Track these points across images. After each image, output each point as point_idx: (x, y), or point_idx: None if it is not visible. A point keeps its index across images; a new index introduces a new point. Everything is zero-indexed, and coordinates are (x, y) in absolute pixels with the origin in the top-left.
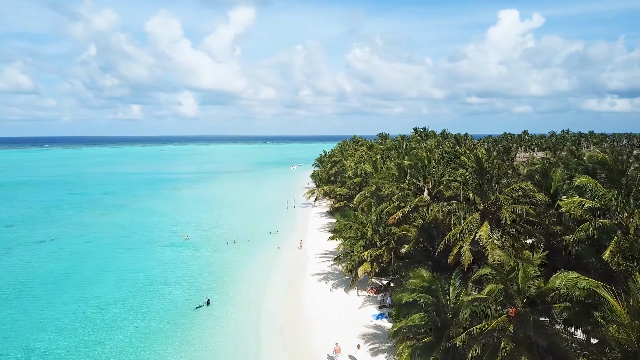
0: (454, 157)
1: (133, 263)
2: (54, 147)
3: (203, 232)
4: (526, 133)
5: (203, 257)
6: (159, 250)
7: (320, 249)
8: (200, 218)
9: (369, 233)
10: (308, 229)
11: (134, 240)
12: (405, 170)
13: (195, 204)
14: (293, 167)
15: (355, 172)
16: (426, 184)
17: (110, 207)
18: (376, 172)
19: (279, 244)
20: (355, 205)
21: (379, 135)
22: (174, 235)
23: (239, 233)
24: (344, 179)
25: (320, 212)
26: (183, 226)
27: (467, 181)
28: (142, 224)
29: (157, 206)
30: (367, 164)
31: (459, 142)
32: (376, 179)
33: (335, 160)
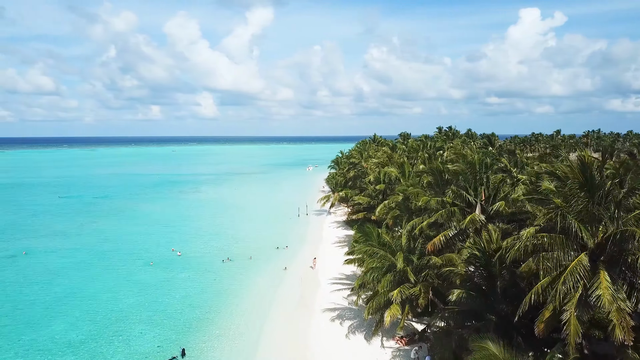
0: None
1: (106, 289)
2: (72, 148)
3: (200, 246)
4: (558, 133)
5: (191, 282)
6: (141, 271)
7: (335, 271)
8: (201, 227)
9: (400, 264)
10: (322, 242)
11: (117, 256)
12: (442, 176)
13: (199, 209)
14: (309, 169)
15: (377, 176)
16: (478, 198)
17: (104, 213)
18: (403, 177)
19: (285, 264)
20: (377, 217)
21: (401, 134)
22: (164, 250)
23: (242, 247)
24: (363, 185)
25: (336, 222)
26: (179, 237)
27: (564, 200)
28: (132, 235)
29: (156, 212)
30: (392, 168)
31: (492, 142)
32: (404, 186)
33: (353, 162)
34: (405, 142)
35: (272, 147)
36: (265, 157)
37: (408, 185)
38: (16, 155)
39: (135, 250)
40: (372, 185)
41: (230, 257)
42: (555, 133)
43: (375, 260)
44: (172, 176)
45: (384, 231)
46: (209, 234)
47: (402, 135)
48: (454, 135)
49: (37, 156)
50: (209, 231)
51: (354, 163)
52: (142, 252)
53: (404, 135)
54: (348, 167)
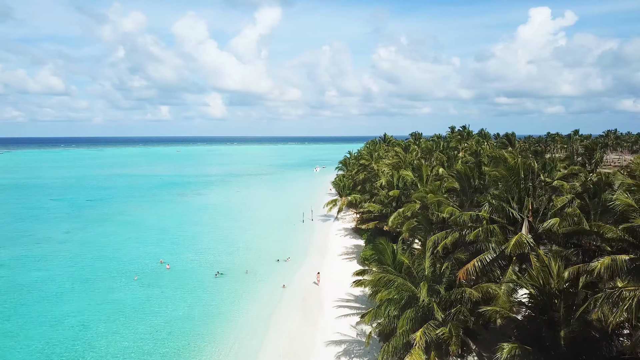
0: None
1: (76, 311)
2: (80, 148)
3: (192, 256)
4: (576, 133)
5: (177, 302)
6: (122, 288)
7: (342, 289)
8: (196, 235)
9: (423, 296)
10: (327, 253)
11: (99, 269)
12: (471, 183)
13: (197, 214)
14: (316, 170)
15: (390, 180)
16: (525, 213)
17: (95, 218)
18: (421, 182)
19: (285, 279)
20: (390, 227)
21: (412, 134)
22: (152, 262)
23: (238, 258)
24: (374, 190)
25: (344, 229)
26: (171, 246)
27: None
28: (120, 243)
29: (151, 217)
30: (407, 171)
31: (511, 142)
32: (422, 192)
33: (363, 163)
34: (417, 142)
35: (280, 147)
36: (272, 158)
37: (427, 191)
38: (22, 155)
39: (120, 261)
40: (384, 191)
41: (223, 270)
42: (572, 133)
43: (392, 291)
44: (173, 177)
45: (400, 247)
46: (204, 242)
47: (414, 135)
48: (469, 135)
49: (42, 156)
50: (204, 239)
51: (363, 165)
52: (127, 263)
53: (416, 135)
54: (357, 169)
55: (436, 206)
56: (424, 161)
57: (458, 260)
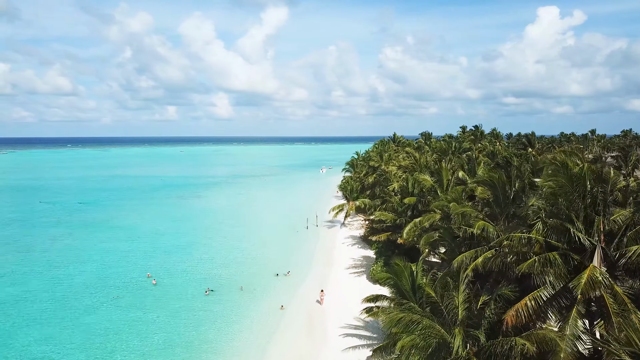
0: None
1: (42, 338)
2: (86, 148)
3: (183, 269)
4: (593, 132)
5: (159, 326)
6: (100, 308)
7: (349, 312)
8: (192, 243)
9: (457, 346)
10: (333, 266)
11: (80, 283)
12: (506, 192)
13: (195, 219)
14: (322, 171)
15: (404, 185)
16: (596, 237)
17: (84, 223)
18: (441, 188)
19: (284, 299)
20: (405, 240)
21: (422, 134)
22: (138, 276)
23: (234, 272)
24: (385, 195)
25: (351, 237)
26: (161, 257)
27: None
28: (107, 254)
29: (145, 223)
30: (424, 175)
31: (531, 142)
32: (444, 201)
33: (372, 165)
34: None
35: (287, 147)
36: (278, 158)
37: (448, 199)
38: (25, 155)
39: (104, 275)
40: (397, 197)
41: (215, 286)
42: (590, 132)
43: (416, 336)
44: (175, 179)
45: (420, 270)
46: (198, 252)
47: (424, 135)
48: (482, 135)
49: (46, 156)
50: (199, 248)
51: (373, 167)
52: (112, 277)
53: (426, 134)
54: (366, 171)
55: (460, 217)
56: (443, 164)
57: (503, 296)
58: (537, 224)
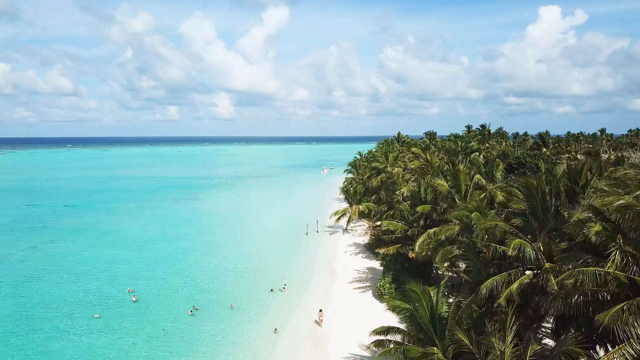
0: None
1: None
2: (86, 148)
3: (169, 282)
4: (603, 132)
5: (134, 354)
6: (68, 333)
7: (352, 337)
8: (181, 252)
9: None
10: (335, 279)
11: (53, 300)
12: (547, 203)
13: (188, 224)
14: (323, 171)
15: (414, 190)
16: None
17: (69, 228)
18: (458, 194)
19: (278, 320)
20: (418, 254)
21: (426, 133)
22: (118, 291)
23: (224, 286)
24: (392, 200)
25: (354, 245)
26: (147, 267)
27: None
28: (88, 264)
29: (133, 228)
30: (440, 180)
31: (545, 142)
32: (464, 210)
33: (377, 167)
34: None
35: (288, 147)
36: (279, 158)
37: (469, 209)
38: (23, 156)
39: (81, 288)
40: (406, 203)
41: (202, 304)
42: (600, 132)
43: None
44: (172, 180)
45: (441, 296)
46: (188, 261)
47: (429, 134)
48: (489, 134)
49: (44, 156)
50: (189, 258)
51: (377, 168)
52: (89, 292)
53: (431, 134)
54: (369, 172)
55: (483, 231)
56: (460, 166)
57: (568, 354)
58: (614, 253)
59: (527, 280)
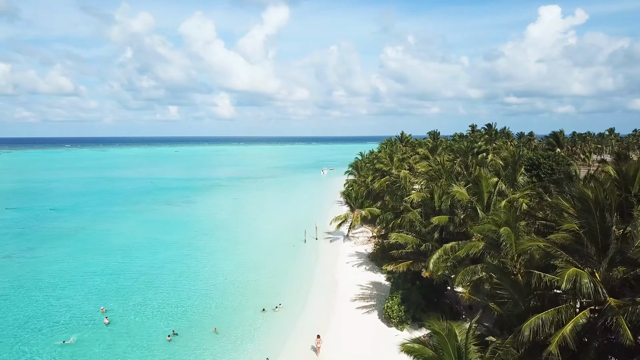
0: None
1: None
2: (84, 148)
3: (149, 300)
4: (612, 131)
5: None
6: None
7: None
8: (167, 262)
9: None
10: (336, 295)
11: (15, 322)
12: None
13: (177, 231)
14: (323, 172)
15: (425, 198)
16: None
17: (50, 234)
18: (480, 203)
19: (270, 348)
20: (432, 274)
21: (430, 133)
22: (92, 310)
23: (210, 305)
24: (400, 208)
25: (357, 254)
26: (126, 282)
27: None
28: (63, 276)
29: (119, 234)
30: (459, 187)
31: (559, 142)
32: (490, 224)
33: (380, 168)
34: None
35: (288, 147)
36: (278, 159)
37: (498, 222)
38: (17, 156)
39: (50, 307)
40: (417, 211)
41: (182, 326)
42: (608, 131)
43: None
44: (167, 181)
45: (471, 340)
46: (172, 275)
47: (432, 134)
48: (496, 134)
49: (39, 156)
50: (174, 270)
51: (381, 170)
52: (58, 312)
53: (434, 134)
54: (373, 175)
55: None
56: (481, 170)
57: None
58: None
59: (584, 320)
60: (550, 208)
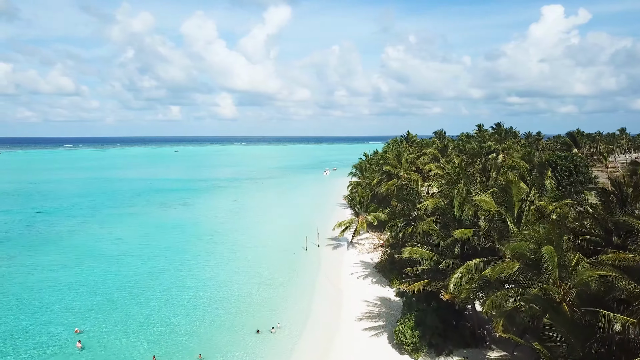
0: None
1: None
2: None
3: (129, 318)
4: (623, 131)
5: None
6: None
7: None
8: (155, 273)
9: None
10: (340, 314)
11: None
12: None
13: (172, 235)
14: (325, 173)
15: (443, 205)
16: None
17: (34, 241)
18: (509, 214)
19: None
20: (453, 297)
21: (436, 133)
22: (65, 331)
23: (197, 324)
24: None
25: (362, 264)
26: (106, 296)
27: None
28: (41, 290)
29: (108, 241)
30: (486, 196)
31: (577, 142)
32: (526, 243)
33: (388, 171)
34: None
35: (290, 147)
36: (280, 159)
37: (537, 240)
38: (19, 156)
39: (21, 326)
40: (432, 219)
41: (162, 353)
42: (619, 131)
43: None
44: (164, 182)
45: None
46: (158, 289)
47: (438, 134)
48: (506, 134)
49: (40, 157)
50: (161, 283)
51: (389, 172)
52: (29, 332)
53: (440, 133)
54: (379, 177)
55: (556, 272)
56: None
57: None
58: None
59: None
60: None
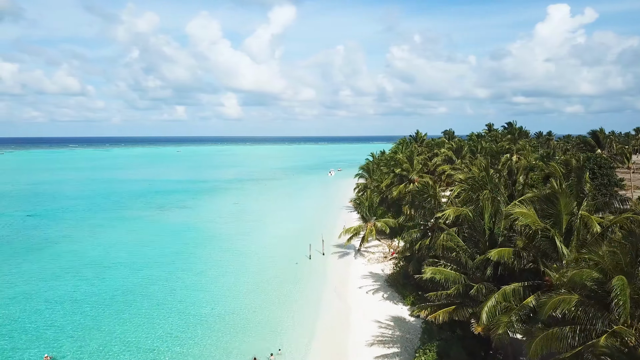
0: None
1: None
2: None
3: (113, 340)
4: (639, 130)
5: None
6: None
7: None
8: (148, 283)
9: None
10: (348, 334)
11: None
12: None
13: (167, 241)
14: (330, 174)
15: (469, 215)
16: None
17: (19, 248)
18: (556, 229)
19: None
20: (485, 328)
21: (445, 132)
22: (34, 357)
23: (187, 349)
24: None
25: (371, 275)
26: (91, 312)
27: None
28: (16, 306)
29: (99, 247)
30: (526, 208)
31: (600, 142)
32: (590, 270)
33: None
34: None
35: (295, 147)
36: (284, 159)
37: (603, 267)
38: (22, 156)
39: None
40: (454, 230)
41: None
42: (634, 130)
43: None
44: (164, 183)
45: None
46: (146, 304)
47: (448, 134)
48: (520, 134)
49: (43, 157)
50: (154, 295)
51: (400, 175)
52: None
53: (449, 133)
54: (390, 180)
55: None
56: (554, 182)
57: None
58: None
59: None
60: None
